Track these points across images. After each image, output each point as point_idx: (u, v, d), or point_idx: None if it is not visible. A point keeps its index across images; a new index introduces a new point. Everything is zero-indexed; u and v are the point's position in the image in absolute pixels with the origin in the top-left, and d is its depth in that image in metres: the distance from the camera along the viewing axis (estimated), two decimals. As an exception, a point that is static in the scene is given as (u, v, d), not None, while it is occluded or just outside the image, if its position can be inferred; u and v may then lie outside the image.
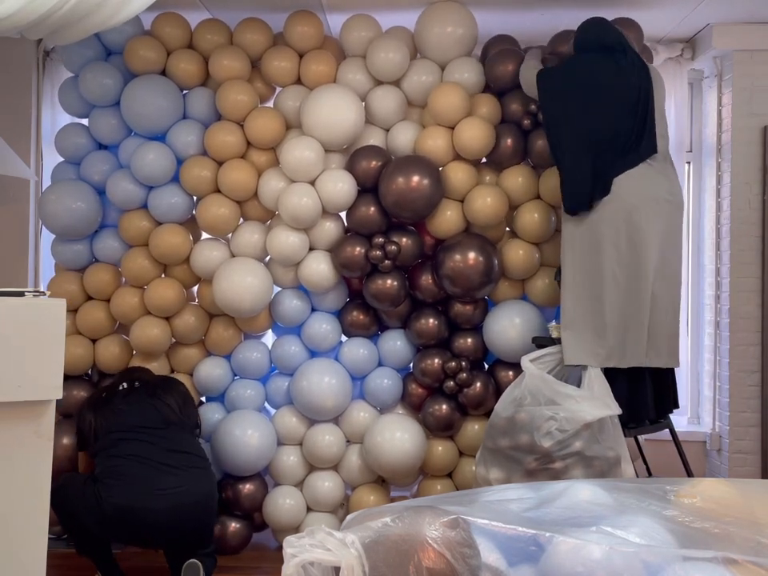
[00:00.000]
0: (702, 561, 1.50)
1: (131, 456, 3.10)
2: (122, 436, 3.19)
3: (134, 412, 3.28)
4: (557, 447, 2.95)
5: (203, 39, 3.83)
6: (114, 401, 3.33)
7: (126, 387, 3.38)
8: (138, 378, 3.45)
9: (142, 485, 3.01)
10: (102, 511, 2.98)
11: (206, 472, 3.22)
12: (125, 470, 3.07)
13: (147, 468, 3.06)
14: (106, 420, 3.27)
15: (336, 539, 1.49)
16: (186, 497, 3.04)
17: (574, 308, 3.26)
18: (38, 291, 2.24)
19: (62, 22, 2.67)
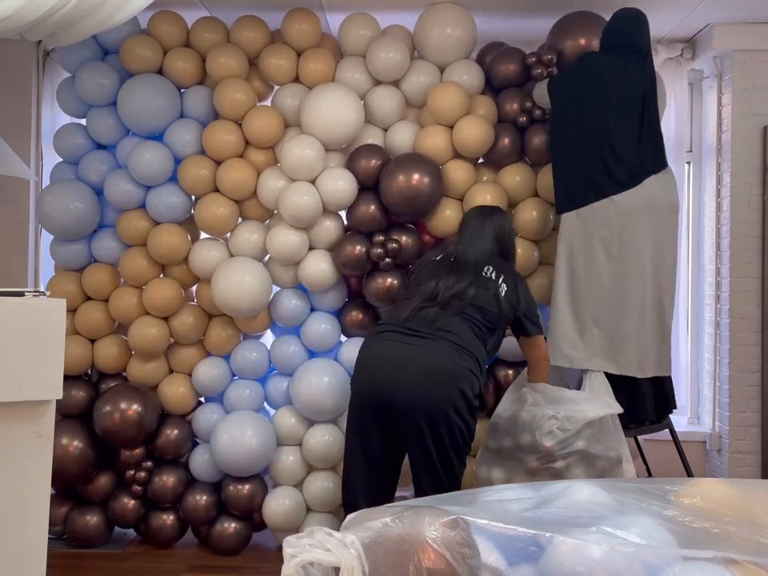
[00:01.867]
0: (702, 561, 1.50)
1: None
2: None
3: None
4: (558, 446, 2.96)
5: (200, 37, 3.82)
6: None
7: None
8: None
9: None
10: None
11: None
12: None
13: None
14: None
15: (336, 539, 1.49)
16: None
17: (560, 307, 3.27)
18: (38, 291, 2.24)
19: (61, 23, 2.67)
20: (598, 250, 3.20)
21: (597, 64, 3.30)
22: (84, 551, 3.73)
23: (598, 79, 3.26)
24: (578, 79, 3.33)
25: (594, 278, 3.22)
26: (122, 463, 3.77)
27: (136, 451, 3.76)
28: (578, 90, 3.30)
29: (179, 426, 3.82)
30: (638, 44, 3.30)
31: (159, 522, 3.78)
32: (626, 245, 3.18)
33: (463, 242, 3.14)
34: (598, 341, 3.21)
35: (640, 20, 3.34)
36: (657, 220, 3.22)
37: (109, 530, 3.83)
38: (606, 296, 3.20)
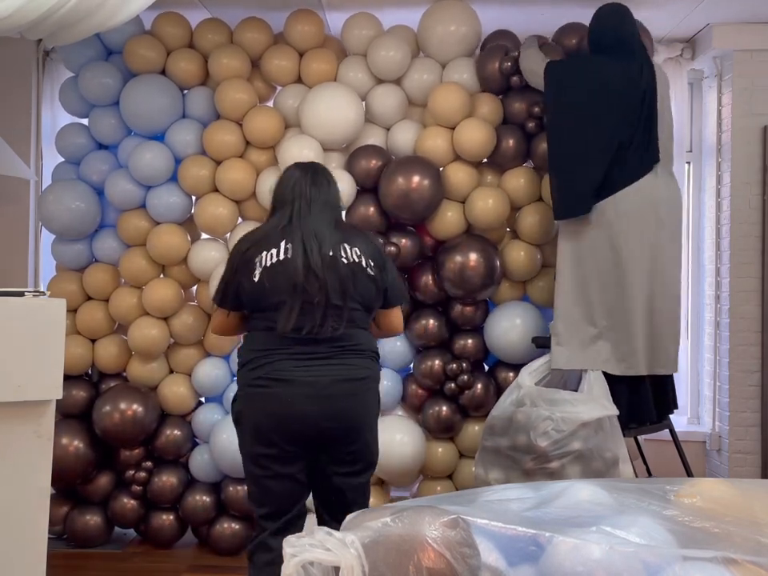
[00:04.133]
0: (702, 561, 1.50)
1: None
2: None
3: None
4: (553, 447, 2.95)
5: (203, 38, 3.83)
6: None
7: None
8: None
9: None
10: None
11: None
12: None
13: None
14: None
15: (336, 539, 1.49)
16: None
17: (564, 310, 3.25)
18: (38, 291, 2.24)
19: (62, 23, 2.67)
20: (604, 252, 3.17)
21: (598, 71, 3.23)
22: (84, 551, 3.73)
23: (599, 88, 3.19)
24: (578, 86, 3.24)
25: (601, 281, 3.18)
26: (121, 463, 3.78)
27: (136, 451, 3.76)
28: (578, 97, 3.22)
29: (179, 426, 3.82)
30: (624, 39, 3.24)
31: (159, 522, 3.78)
32: (633, 244, 3.16)
33: (302, 217, 2.46)
34: (607, 343, 3.18)
35: (621, 13, 3.28)
36: (661, 216, 3.21)
37: (109, 530, 3.83)
38: (614, 297, 3.17)
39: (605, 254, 3.17)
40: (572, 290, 3.24)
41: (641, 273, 3.17)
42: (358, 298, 2.43)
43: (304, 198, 2.48)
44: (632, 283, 3.16)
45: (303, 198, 2.48)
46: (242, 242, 2.51)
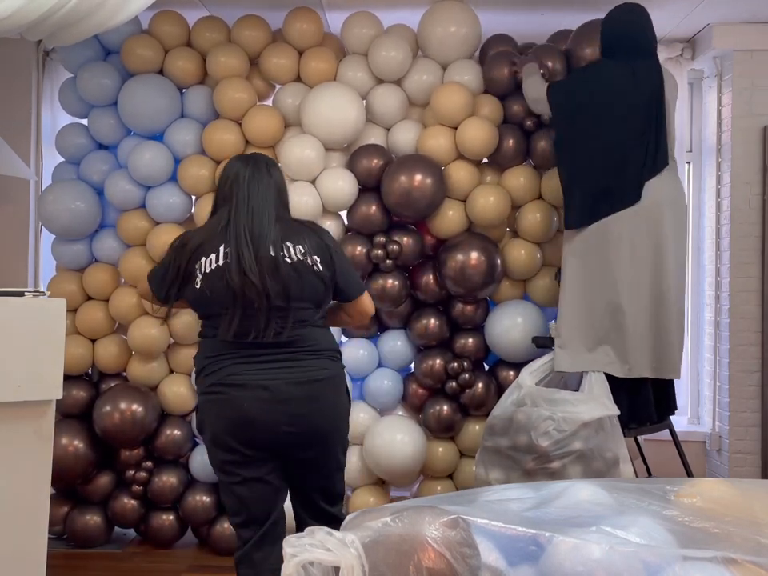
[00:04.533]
0: (702, 561, 1.50)
1: None
2: None
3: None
4: (554, 447, 2.95)
5: (201, 37, 3.82)
6: None
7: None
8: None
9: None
10: None
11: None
12: None
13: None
14: None
15: (336, 539, 1.49)
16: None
17: (568, 313, 3.23)
18: (38, 291, 2.25)
19: (62, 23, 2.67)
20: (609, 253, 3.16)
21: (606, 76, 3.19)
22: (84, 551, 3.73)
23: (607, 92, 3.16)
24: (584, 91, 3.21)
25: (607, 282, 3.16)
26: (121, 463, 3.78)
27: (136, 451, 3.76)
28: (585, 102, 3.19)
29: (179, 425, 3.82)
30: (641, 42, 3.21)
31: (159, 521, 3.78)
32: (639, 245, 3.14)
33: (241, 218, 2.37)
34: (611, 346, 3.17)
35: (639, 15, 3.23)
36: (667, 217, 3.19)
37: (109, 530, 3.83)
38: (620, 299, 3.15)
39: (611, 255, 3.15)
40: (577, 292, 3.22)
41: (647, 274, 3.16)
42: (305, 297, 2.37)
43: (242, 194, 2.38)
44: (638, 284, 3.15)
45: (242, 195, 2.38)
46: (181, 245, 2.42)
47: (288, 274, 2.33)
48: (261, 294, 2.28)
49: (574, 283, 3.24)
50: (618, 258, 3.14)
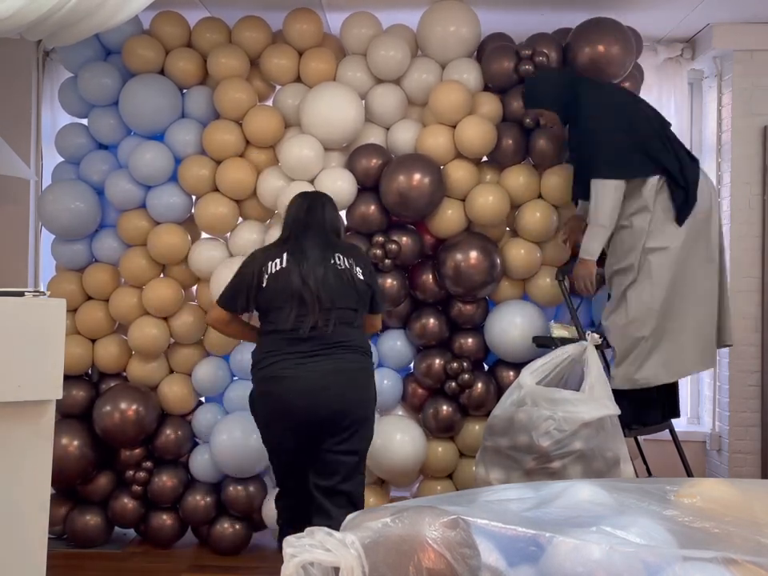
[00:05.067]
0: (702, 561, 1.50)
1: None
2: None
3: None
4: (555, 447, 2.96)
5: (202, 38, 3.83)
6: None
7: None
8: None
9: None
10: None
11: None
12: None
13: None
14: None
15: (336, 539, 1.49)
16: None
17: (654, 322, 3.20)
18: (38, 291, 2.25)
19: (62, 23, 2.67)
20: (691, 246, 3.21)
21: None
22: (84, 551, 3.73)
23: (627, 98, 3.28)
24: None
25: (661, 287, 3.20)
26: (121, 463, 3.78)
27: (136, 451, 3.76)
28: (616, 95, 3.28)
29: (179, 425, 3.82)
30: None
31: (159, 522, 3.78)
32: (703, 242, 3.22)
33: (299, 237, 2.93)
34: (659, 353, 3.21)
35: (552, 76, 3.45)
36: (712, 211, 3.30)
37: (109, 530, 3.83)
38: (682, 303, 3.21)
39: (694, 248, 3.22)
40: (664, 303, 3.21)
41: (698, 270, 3.22)
42: (348, 300, 2.85)
43: (300, 222, 2.94)
44: (689, 284, 3.19)
45: (300, 222, 2.95)
46: (253, 255, 2.99)
47: (336, 279, 2.83)
48: (314, 296, 2.77)
49: (656, 292, 3.20)
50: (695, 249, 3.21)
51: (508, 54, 3.72)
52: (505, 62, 3.70)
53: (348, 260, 2.89)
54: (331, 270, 2.83)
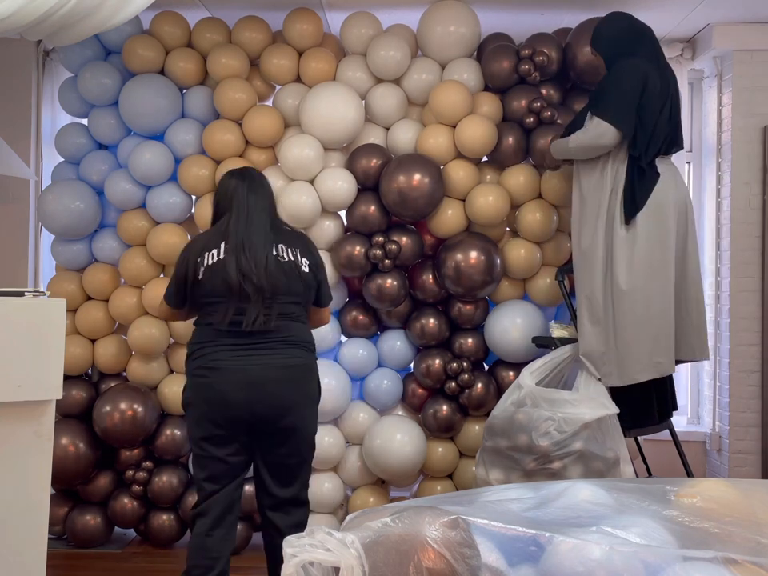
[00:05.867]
0: (702, 561, 1.50)
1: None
2: None
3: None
4: (555, 447, 2.96)
5: (202, 38, 3.83)
6: None
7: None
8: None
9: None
10: None
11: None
12: None
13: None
14: None
15: (336, 539, 1.49)
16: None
17: (632, 320, 3.10)
18: (38, 291, 2.25)
19: (62, 23, 2.67)
20: (670, 228, 3.13)
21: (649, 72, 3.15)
22: (84, 551, 3.73)
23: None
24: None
25: (663, 269, 3.11)
26: (121, 463, 3.78)
27: (136, 451, 3.76)
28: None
29: (179, 426, 3.81)
30: (644, 38, 3.20)
31: (159, 522, 3.78)
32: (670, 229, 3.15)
33: (240, 223, 2.69)
34: (648, 348, 3.13)
35: (631, 17, 3.25)
36: (686, 203, 3.26)
37: (109, 530, 3.83)
38: (665, 290, 3.13)
39: (672, 233, 3.14)
40: (638, 293, 3.11)
41: (674, 261, 3.17)
42: (291, 293, 2.68)
43: (242, 204, 2.71)
44: (665, 270, 3.14)
45: (241, 205, 2.71)
46: (189, 246, 2.78)
47: (279, 271, 2.65)
48: (256, 289, 2.59)
49: (638, 269, 3.09)
50: (667, 244, 3.12)
51: (508, 53, 3.72)
52: (505, 62, 3.71)
53: (293, 250, 2.70)
54: (273, 261, 2.64)
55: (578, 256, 3.25)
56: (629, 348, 3.09)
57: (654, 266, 3.09)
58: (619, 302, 3.09)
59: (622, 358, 3.10)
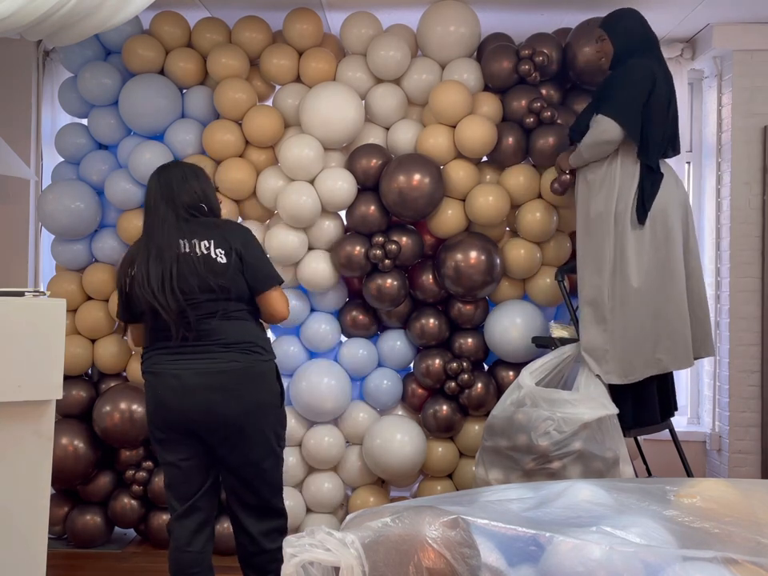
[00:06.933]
0: (702, 561, 1.50)
1: None
2: None
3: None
4: (554, 447, 2.96)
5: (202, 38, 3.83)
6: None
7: None
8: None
9: None
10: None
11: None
12: None
13: None
14: None
15: (336, 539, 1.49)
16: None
17: (635, 315, 3.13)
18: (38, 291, 2.25)
19: (62, 23, 2.67)
20: (670, 247, 3.16)
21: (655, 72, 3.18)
22: (84, 551, 3.73)
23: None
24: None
25: (675, 275, 3.15)
26: (121, 463, 3.78)
27: (136, 451, 3.76)
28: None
29: (179, 425, 3.82)
30: (647, 38, 3.23)
31: (159, 522, 3.77)
32: (674, 228, 3.18)
33: (148, 227, 2.59)
34: (650, 345, 3.16)
35: (638, 15, 3.26)
36: (686, 202, 3.30)
37: (109, 530, 3.83)
38: (667, 287, 3.15)
39: (668, 244, 3.16)
40: (644, 291, 3.15)
41: (682, 260, 3.19)
42: (210, 290, 2.50)
43: (155, 206, 2.59)
44: (672, 271, 3.16)
45: (154, 207, 2.59)
46: (123, 260, 2.68)
47: (191, 273, 2.49)
48: (166, 308, 2.47)
49: (636, 283, 3.13)
50: (674, 245, 3.14)
51: (508, 53, 3.72)
52: (505, 62, 3.71)
53: (206, 243, 2.51)
54: (183, 262, 2.48)
55: (583, 255, 3.25)
56: (633, 346, 3.13)
57: (663, 265, 3.14)
58: (627, 301, 3.12)
59: (626, 356, 3.13)
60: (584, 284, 3.24)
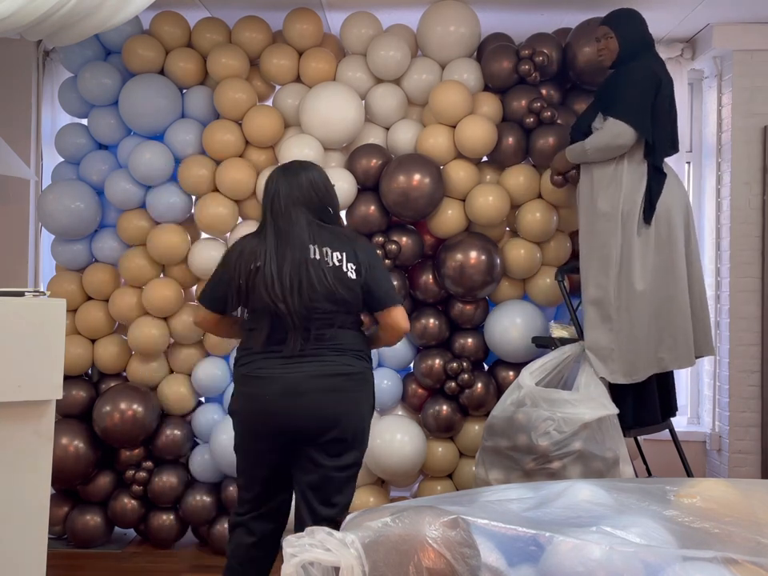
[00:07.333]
0: (702, 561, 1.50)
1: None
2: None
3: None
4: (554, 447, 2.96)
5: (202, 38, 3.83)
6: None
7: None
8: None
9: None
10: None
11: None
12: None
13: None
14: None
15: (336, 539, 1.49)
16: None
17: (639, 314, 3.15)
18: (38, 291, 2.25)
19: (62, 23, 2.67)
20: (673, 245, 3.18)
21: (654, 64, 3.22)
22: (84, 551, 3.73)
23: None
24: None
25: (678, 275, 3.18)
26: (121, 463, 3.78)
27: (136, 451, 3.76)
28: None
29: (179, 425, 3.82)
30: (647, 39, 3.26)
31: (159, 522, 3.78)
32: (676, 227, 3.19)
33: (279, 227, 2.48)
34: (652, 344, 3.18)
35: (638, 16, 3.28)
36: (687, 202, 3.34)
37: (109, 530, 3.83)
38: (670, 286, 3.17)
39: (671, 242, 3.18)
40: (648, 291, 3.16)
41: (684, 260, 3.21)
42: (335, 306, 2.46)
43: (280, 204, 2.49)
44: (675, 271, 3.18)
45: (280, 205, 2.49)
46: (233, 248, 2.57)
47: (320, 278, 2.43)
48: (289, 314, 2.40)
49: (640, 285, 3.16)
50: (676, 244, 3.16)
51: (508, 53, 3.72)
52: (505, 62, 3.71)
53: (338, 254, 2.47)
54: (313, 271, 2.42)
55: (588, 253, 3.25)
56: (638, 346, 3.14)
57: (666, 264, 3.16)
58: (633, 302, 3.13)
59: (630, 356, 3.14)
60: (588, 283, 3.23)
